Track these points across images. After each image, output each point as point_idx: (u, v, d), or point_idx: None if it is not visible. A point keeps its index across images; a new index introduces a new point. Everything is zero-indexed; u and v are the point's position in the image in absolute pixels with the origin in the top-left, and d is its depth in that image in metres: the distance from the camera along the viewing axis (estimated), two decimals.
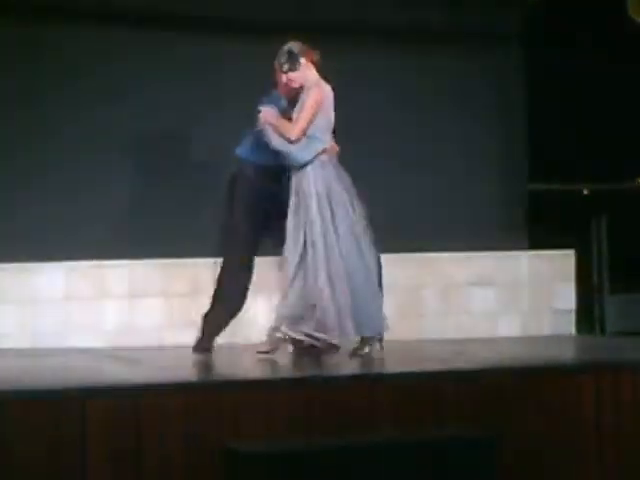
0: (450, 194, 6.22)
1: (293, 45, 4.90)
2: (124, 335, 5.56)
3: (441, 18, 6.24)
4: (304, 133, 4.80)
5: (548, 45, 6.47)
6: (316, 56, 4.94)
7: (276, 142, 4.85)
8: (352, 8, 6.01)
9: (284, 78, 4.92)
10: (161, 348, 5.31)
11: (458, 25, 6.30)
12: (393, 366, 4.73)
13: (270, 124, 4.86)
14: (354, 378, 4.24)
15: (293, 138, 4.80)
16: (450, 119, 6.27)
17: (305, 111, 4.82)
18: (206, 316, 5.09)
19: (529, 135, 6.52)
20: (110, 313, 5.61)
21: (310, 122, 4.82)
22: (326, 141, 4.90)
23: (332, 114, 4.95)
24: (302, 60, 4.88)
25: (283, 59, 4.88)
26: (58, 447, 3.59)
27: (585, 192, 6.81)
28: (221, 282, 5.05)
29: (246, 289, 5.05)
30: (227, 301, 5.04)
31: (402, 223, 6.06)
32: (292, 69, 4.87)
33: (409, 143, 6.19)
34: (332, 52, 5.06)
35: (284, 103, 5.01)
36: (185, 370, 4.64)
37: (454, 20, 6.27)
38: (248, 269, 5.03)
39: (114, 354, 5.11)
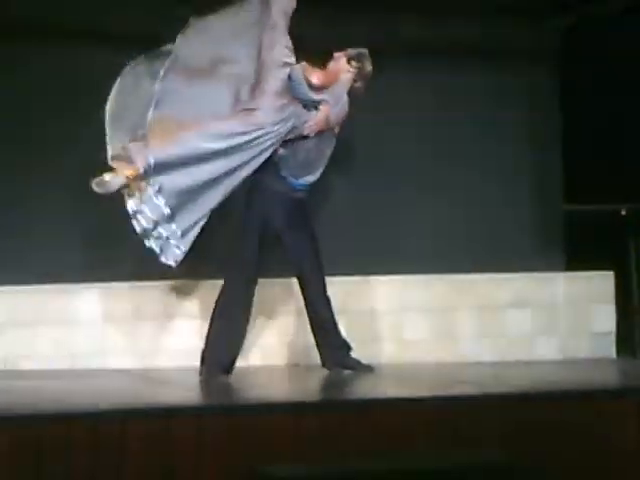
0: (484, 215, 6.17)
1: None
2: (159, 356, 5.57)
3: (473, 36, 6.22)
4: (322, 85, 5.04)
5: (583, 64, 6.43)
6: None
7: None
8: (382, 24, 6.01)
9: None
10: (196, 370, 5.30)
11: (490, 44, 6.27)
12: (428, 389, 4.69)
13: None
14: (387, 401, 4.21)
15: (315, 82, 5.04)
16: (483, 139, 6.24)
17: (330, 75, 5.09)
18: (204, 349, 5.10)
19: (564, 155, 6.47)
20: (145, 334, 5.62)
21: (327, 82, 5.05)
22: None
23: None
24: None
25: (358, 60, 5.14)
26: (96, 468, 3.59)
27: (622, 212, 6.73)
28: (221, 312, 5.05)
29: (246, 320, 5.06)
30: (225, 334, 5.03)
31: (436, 244, 6.03)
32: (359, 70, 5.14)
33: (442, 164, 6.16)
34: None
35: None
36: (219, 392, 4.63)
37: (486, 39, 6.25)
38: (248, 301, 5.05)
39: (148, 375, 5.12)
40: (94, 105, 5.20)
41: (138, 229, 4.94)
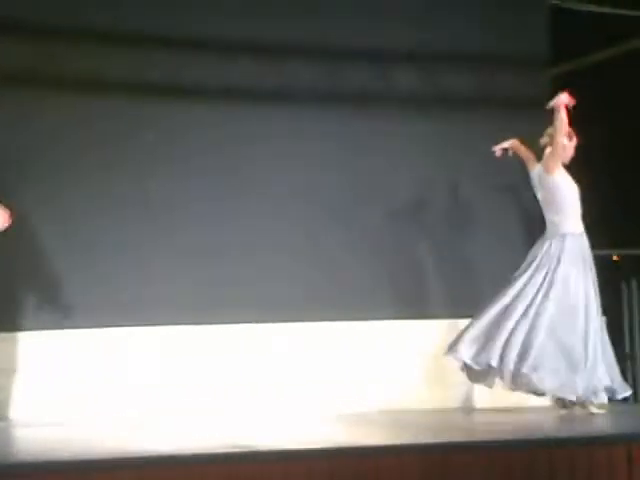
0: (477, 260, 6.19)
1: None
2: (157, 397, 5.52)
3: (468, 84, 6.28)
4: None
5: (575, 109, 6.49)
6: None
7: None
8: (378, 75, 6.07)
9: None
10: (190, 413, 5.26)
11: (485, 91, 6.33)
12: (420, 436, 4.67)
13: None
14: (382, 449, 4.18)
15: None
16: (479, 185, 6.27)
17: None
18: None
19: None
20: (139, 377, 5.59)
21: None
22: None
23: None
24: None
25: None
26: None
27: (614, 257, 6.75)
28: None
29: None
30: None
31: (430, 290, 6.03)
32: None
33: (439, 210, 6.19)
34: (357, 118, 5.14)
35: None
36: (204, 438, 4.60)
37: (481, 86, 6.31)
38: None
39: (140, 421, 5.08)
40: None
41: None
